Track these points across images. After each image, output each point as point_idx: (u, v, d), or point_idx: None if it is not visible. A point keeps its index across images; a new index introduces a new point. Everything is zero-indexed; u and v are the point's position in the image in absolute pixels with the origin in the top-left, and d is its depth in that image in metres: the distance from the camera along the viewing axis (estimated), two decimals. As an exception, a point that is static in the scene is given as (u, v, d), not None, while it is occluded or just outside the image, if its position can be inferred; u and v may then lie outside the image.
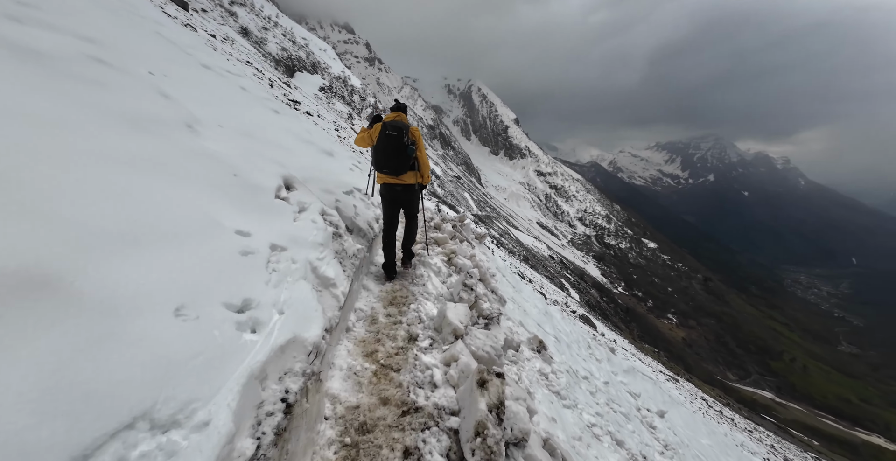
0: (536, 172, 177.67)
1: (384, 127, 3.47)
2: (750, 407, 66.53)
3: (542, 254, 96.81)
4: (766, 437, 26.02)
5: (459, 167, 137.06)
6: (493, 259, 7.88)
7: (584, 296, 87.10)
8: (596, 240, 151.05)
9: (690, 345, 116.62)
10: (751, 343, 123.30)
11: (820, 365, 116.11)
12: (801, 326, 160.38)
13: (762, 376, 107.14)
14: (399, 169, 3.47)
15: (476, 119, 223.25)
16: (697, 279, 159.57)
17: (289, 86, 26.68)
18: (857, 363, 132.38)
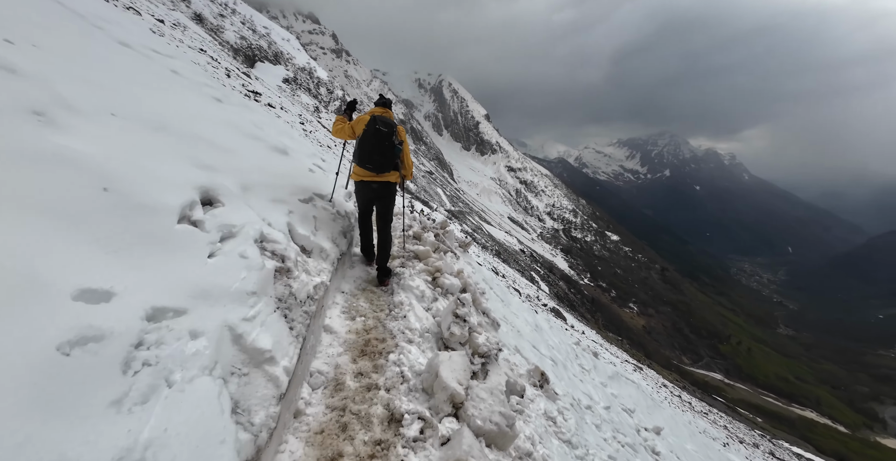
0: (507, 168, 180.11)
1: (374, 120, 3.26)
2: (703, 388, 71.77)
3: (513, 249, 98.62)
4: (720, 418, 28.23)
5: (432, 162, 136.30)
6: (480, 270, 7.00)
7: (553, 288, 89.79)
8: (563, 233, 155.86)
9: (650, 332, 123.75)
10: (702, 328, 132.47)
11: (762, 347, 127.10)
12: (745, 311, 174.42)
13: (713, 359, 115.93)
14: (383, 167, 3.34)
15: (447, 114, 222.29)
16: (655, 269, 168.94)
17: (249, 76, 25.19)
18: (793, 344, 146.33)
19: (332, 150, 21.18)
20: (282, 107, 21.00)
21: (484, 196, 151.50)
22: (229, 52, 37.60)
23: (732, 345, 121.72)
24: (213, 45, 30.30)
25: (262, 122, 6.84)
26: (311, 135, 18.44)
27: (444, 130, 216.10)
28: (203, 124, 3.71)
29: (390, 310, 3.13)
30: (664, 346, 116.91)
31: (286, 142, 5.72)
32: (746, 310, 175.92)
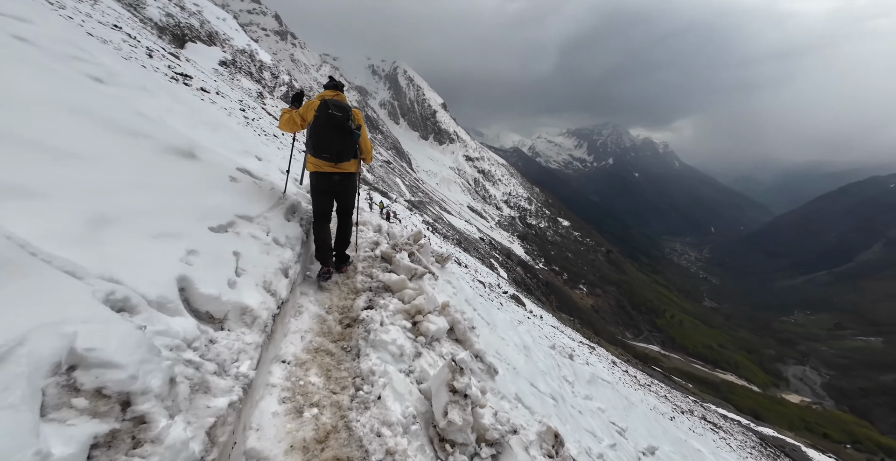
0: (465, 157, 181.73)
1: (326, 105, 2.94)
2: (643, 360, 79.93)
3: (473, 237, 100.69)
4: (660, 389, 32.35)
5: (389, 152, 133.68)
6: (462, 287, 5.69)
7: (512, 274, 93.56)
8: (519, 220, 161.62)
9: (597, 310, 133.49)
10: (642, 305, 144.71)
11: (691, 319, 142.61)
12: (677, 287, 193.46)
13: (651, 332, 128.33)
14: (342, 155, 3.03)
15: (403, 102, 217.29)
16: (601, 252, 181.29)
17: (178, 57, 23.16)
18: (716, 315, 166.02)
19: (281, 138, 19.81)
20: (218, 92, 19.77)
21: (443, 185, 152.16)
22: (153, 31, 33.89)
23: (667, 319, 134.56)
24: (131, 22, 27.12)
25: (171, 109, 5.45)
26: (253, 123, 17.45)
27: (401, 119, 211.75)
28: (31, 114, 2.22)
29: (357, 389, 2.08)
30: (610, 323, 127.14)
31: (203, 137, 4.63)
32: (678, 286, 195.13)
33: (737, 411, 58.55)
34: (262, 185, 3.40)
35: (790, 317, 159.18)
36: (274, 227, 2.85)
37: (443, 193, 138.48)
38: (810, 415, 75.51)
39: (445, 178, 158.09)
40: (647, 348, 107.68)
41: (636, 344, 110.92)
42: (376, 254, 4.14)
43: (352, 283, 3.38)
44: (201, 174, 2.77)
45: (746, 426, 42.86)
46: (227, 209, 2.52)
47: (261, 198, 3.13)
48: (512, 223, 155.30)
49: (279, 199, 3.38)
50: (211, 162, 3.09)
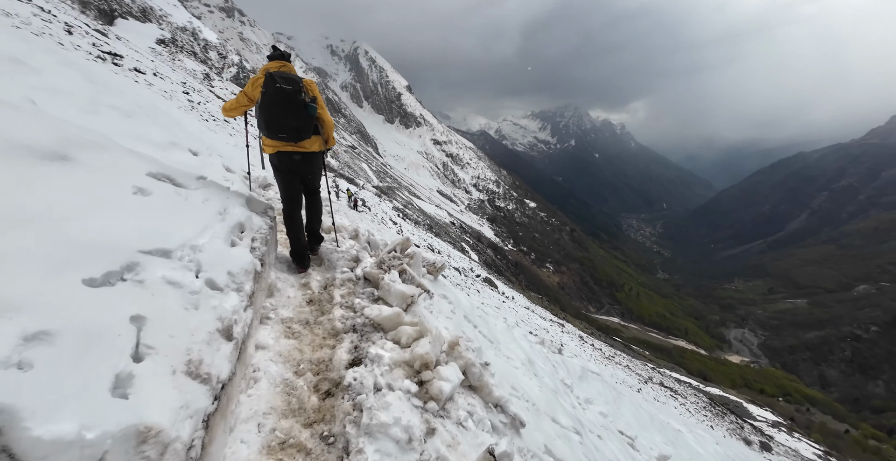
0: (433, 141, 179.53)
1: (271, 78, 2.61)
2: (605, 332, 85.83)
3: (443, 221, 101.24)
4: (623, 359, 35.58)
5: (353, 136, 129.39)
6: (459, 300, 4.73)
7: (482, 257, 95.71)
8: (488, 203, 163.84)
9: (563, 287, 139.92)
10: (603, 280, 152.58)
11: (647, 291, 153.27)
12: (634, 261, 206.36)
13: (611, 305, 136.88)
14: (300, 132, 2.72)
15: (366, 84, 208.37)
16: (566, 231, 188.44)
17: (105, 35, 21.16)
18: (668, 286, 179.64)
19: (234, 124, 18.07)
20: (156, 73, 18.74)
21: (412, 170, 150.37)
22: (74, 5, 30.70)
23: (625, 292, 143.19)
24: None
25: (60, 90, 4.31)
26: (199, 107, 16.79)
27: (365, 102, 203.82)
28: None
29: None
30: (575, 299, 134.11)
31: (107, 126, 3.79)
32: (634, 260, 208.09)
33: (688, 374, 64.92)
34: (190, 196, 2.22)
35: (731, 284, 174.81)
36: (208, 261, 1.82)
37: (411, 178, 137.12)
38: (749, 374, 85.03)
39: (413, 162, 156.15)
40: (608, 320, 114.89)
41: (599, 317, 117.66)
42: (357, 275, 3.16)
43: (328, 321, 2.49)
44: (79, 188, 1.64)
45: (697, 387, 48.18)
46: (121, 243, 1.49)
47: (187, 216, 2.05)
48: (481, 206, 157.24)
49: (218, 213, 2.28)
50: (102, 166, 1.91)
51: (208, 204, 2.32)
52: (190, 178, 2.43)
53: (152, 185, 2.05)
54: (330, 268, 3.33)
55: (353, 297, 2.84)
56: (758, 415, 49.76)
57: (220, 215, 2.31)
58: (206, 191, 2.44)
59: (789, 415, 60.40)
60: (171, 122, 7.03)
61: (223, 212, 2.37)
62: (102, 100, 4.90)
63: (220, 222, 2.23)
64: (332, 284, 3.02)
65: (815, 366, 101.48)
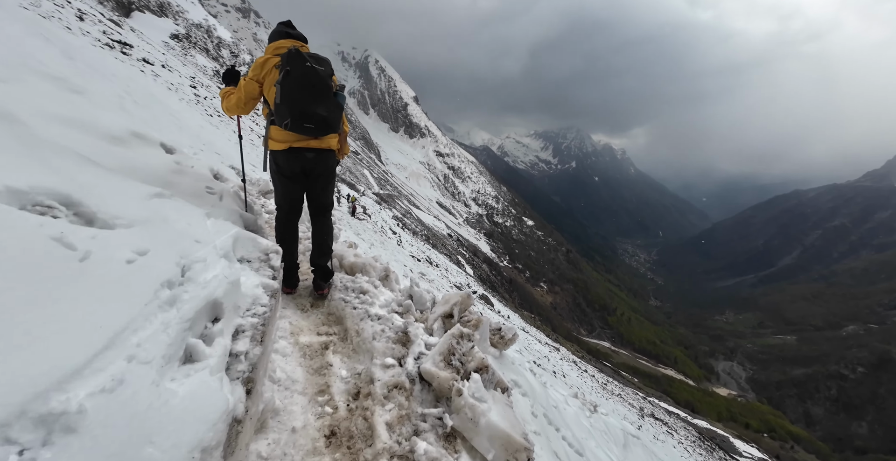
0: (436, 153, 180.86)
1: (299, 56, 2.09)
2: (595, 355, 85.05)
3: (441, 233, 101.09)
4: (616, 387, 35.03)
5: (358, 142, 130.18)
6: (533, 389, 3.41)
7: (477, 271, 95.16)
8: (487, 218, 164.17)
9: (556, 307, 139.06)
10: (595, 302, 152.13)
11: (638, 316, 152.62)
12: (627, 286, 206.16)
13: (603, 329, 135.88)
14: (328, 124, 2.20)
15: (374, 92, 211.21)
16: (562, 251, 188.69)
17: (118, 25, 21.19)
18: (659, 313, 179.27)
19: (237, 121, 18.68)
20: (164, 65, 18.73)
21: (413, 180, 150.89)
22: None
23: (617, 316, 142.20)
24: None
25: None
26: (204, 102, 16.61)
27: (371, 109, 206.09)
28: None
29: None
30: (566, 320, 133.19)
31: None
32: (627, 285, 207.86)
33: (675, 404, 64.06)
34: (102, 250, 1.10)
35: (722, 316, 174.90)
36: (106, 442, 0.78)
37: (412, 188, 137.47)
38: (736, 407, 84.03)
39: (415, 172, 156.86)
40: (598, 344, 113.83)
41: (589, 340, 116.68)
42: (410, 372, 1.84)
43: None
44: None
45: (685, 420, 47.34)
46: None
47: (78, 305, 0.92)
48: (479, 220, 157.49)
49: (162, 285, 1.16)
50: None
51: (144, 265, 1.17)
52: (123, 203, 1.39)
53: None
54: (362, 348, 2.11)
55: (408, 426, 1.59)
56: (744, 451, 48.81)
57: (167, 291, 1.16)
58: (147, 231, 1.32)
59: (775, 453, 59.39)
60: (165, 112, 6.42)
61: (174, 282, 1.22)
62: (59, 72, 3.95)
63: (162, 310, 1.09)
64: (369, 393, 1.75)
65: (801, 403, 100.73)
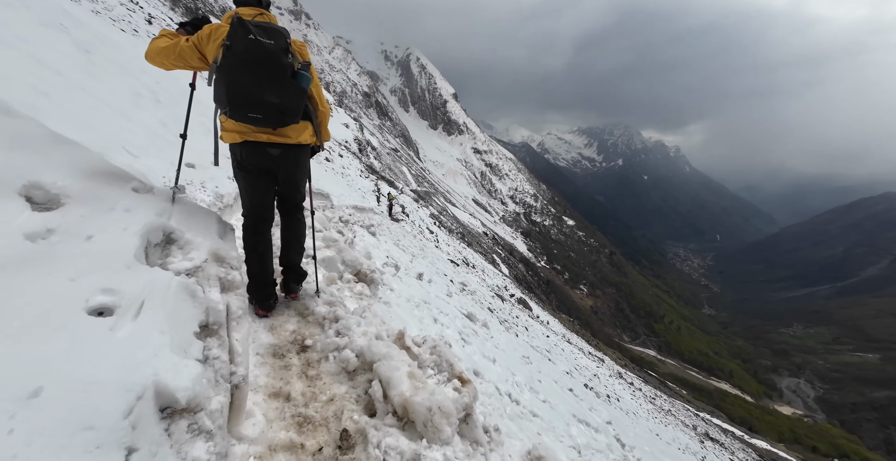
0: (473, 150, 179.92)
1: (241, 26, 1.65)
2: (639, 364, 79.90)
3: (476, 231, 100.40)
4: (665, 402, 31.99)
5: (397, 139, 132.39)
6: None
7: (513, 271, 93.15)
8: (524, 217, 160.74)
9: (596, 312, 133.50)
10: (641, 309, 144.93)
11: (689, 325, 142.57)
12: (677, 293, 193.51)
13: (648, 337, 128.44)
14: (284, 113, 1.75)
15: (414, 90, 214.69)
16: (605, 253, 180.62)
17: None
18: (713, 322, 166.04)
19: None
20: None
21: (449, 177, 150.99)
22: (165, 2, 33.36)
23: (665, 324, 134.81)
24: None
25: None
26: None
27: (411, 107, 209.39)
28: None
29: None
30: (608, 325, 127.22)
31: None
32: (677, 292, 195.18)
33: (729, 421, 58.42)
34: None
35: (789, 329, 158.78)
36: None
37: (448, 185, 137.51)
38: (801, 428, 75.49)
39: (452, 169, 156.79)
40: (643, 352, 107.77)
41: (633, 347, 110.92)
42: None
43: None
44: None
45: (741, 439, 42.54)
46: None
47: None
48: (516, 219, 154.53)
49: None
50: None
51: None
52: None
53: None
54: None
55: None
56: (813, 479, 42.92)
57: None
58: None
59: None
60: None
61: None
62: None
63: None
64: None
65: (882, 428, 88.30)
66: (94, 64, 4.74)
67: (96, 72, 4.52)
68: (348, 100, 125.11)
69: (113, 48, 6.31)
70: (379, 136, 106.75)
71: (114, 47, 6.49)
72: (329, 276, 3.07)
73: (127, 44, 8.68)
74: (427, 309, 4.59)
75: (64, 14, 5.98)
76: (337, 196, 10.51)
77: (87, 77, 4.18)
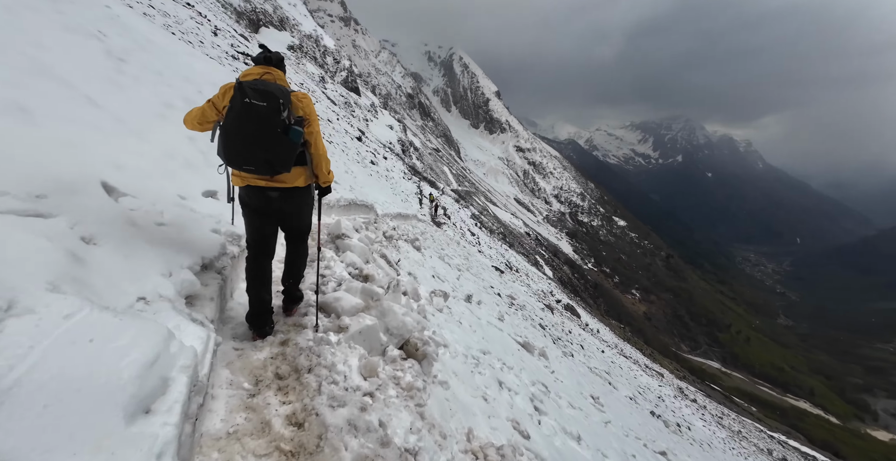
0: (516, 148, 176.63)
1: (240, 89, 1.87)
2: (699, 376, 73.02)
3: (518, 231, 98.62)
4: (734, 422, 28.36)
5: (439, 139, 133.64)
6: None
7: (557, 273, 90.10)
8: (570, 217, 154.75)
9: (650, 318, 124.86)
10: (702, 316, 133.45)
11: (760, 336, 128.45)
12: (746, 300, 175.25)
13: (710, 347, 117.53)
14: (273, 164, 1.95)
15: (457, 90, 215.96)
16: (660, 256, 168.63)
17: (247, 39, 23.66)
18: (791, 334, 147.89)
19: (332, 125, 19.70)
20: None
21: (490, 176, 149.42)
22: (232, 15, 35.99)
23: (731, 334, 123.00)
24: (214, 6, 28.47)
25: None
26: None
27: (453, 106, 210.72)
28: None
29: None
30: (663, 333, 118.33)
31: None
32: (747, 300, 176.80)
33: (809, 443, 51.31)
34: None
35: (888, 344, 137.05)
36: None
37: (489, 184, 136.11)
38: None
39: (493, 168, 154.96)
40: (704, 364, 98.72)
41: (692, 358, 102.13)
42: None
43: None
44: None
45: (823, 464, 36.99)
46: None
47: None
48: (561, 219, 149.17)
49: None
50: None
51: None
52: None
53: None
54: None
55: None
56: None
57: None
58: None
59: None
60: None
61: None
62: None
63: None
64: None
65: None
66: (124, 72, 4.27)
67: (123, 81, 3.99)
68: (393, 102, 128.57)
69: (156, 56, 6.09)
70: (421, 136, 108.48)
71: (158, 55, 6.26)
72: (369, 365, 2.15)
73: (181, 52, 8.59)
74: (489, 365, 4.05)
75: (110, 21, 5.76)
76: (381, 204, 10.64)
77: (108, 86, 3.71)
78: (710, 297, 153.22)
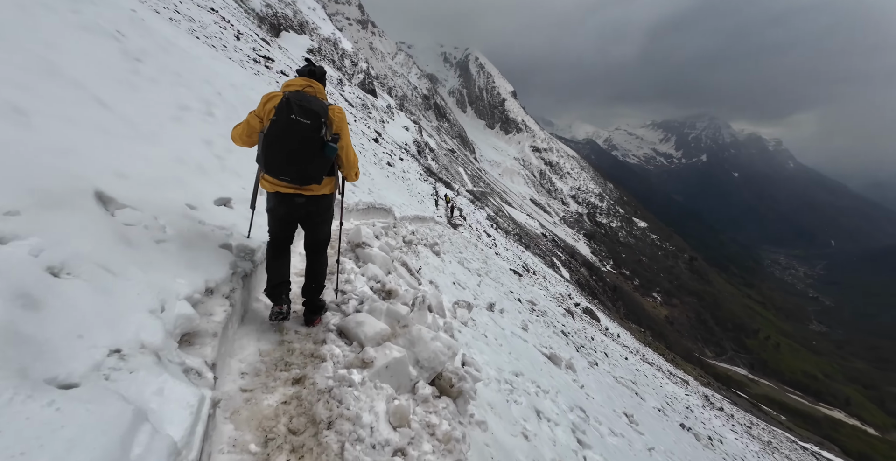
0: (532, 148, 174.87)
1: (287, 105, 1.98)
2: (725, 383, 70.26)
3: (534, 232, 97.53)
4: (763, 432, 27.00)
5: (454, 140, 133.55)
6: None
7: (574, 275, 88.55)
8: (588, 218, 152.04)
9: (672, 322, 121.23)
10: (728, 321, 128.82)
11: (791, 342, 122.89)
12: (775, 305, 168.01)
13: (737, 353, 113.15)
14: (307, 176, 2.08)
15: (472, 90, 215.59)
16: (683, 259, 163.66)
17: (268, 43, 24.09)
18: (825, 341, 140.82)
19: None
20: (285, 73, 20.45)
21: (506, 176, 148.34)
22: (254, 20, 36.74)
23: (760, 340, 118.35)
24: (237, 12, 29.11)
25: None
26: None
27: (469, 107, 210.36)
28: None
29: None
30: (686, 338, 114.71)
31: None
32: (777, 304, 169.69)
33: (843, 455, 48.64)
34: None
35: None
36: None
37: (504, 184, 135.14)
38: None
39: (508, 168, 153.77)
40: (730, 370, 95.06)
41: (717, 363, 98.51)
42: None
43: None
44: None
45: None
46: None
47: None
48: (578, 220, 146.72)
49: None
50: None
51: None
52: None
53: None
54: None
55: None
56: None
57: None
58: None
59: None
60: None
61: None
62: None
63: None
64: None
65: None
66: (139, 73, 4.13)
67: (138, 82, 3.85)
68: (408, 103, 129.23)
69: (177, 57, 5.94)
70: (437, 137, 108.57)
71: (179, 57, 6.12)
72: (399, 411, 1.81)
73: (203, 55, 8.55)
74: (524, 391, 3.81)
75: (131, 22, 5.65)
76: (399, 207, 10.70)
77: (121, 87, 3.53)
78: (737, 301, 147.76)
